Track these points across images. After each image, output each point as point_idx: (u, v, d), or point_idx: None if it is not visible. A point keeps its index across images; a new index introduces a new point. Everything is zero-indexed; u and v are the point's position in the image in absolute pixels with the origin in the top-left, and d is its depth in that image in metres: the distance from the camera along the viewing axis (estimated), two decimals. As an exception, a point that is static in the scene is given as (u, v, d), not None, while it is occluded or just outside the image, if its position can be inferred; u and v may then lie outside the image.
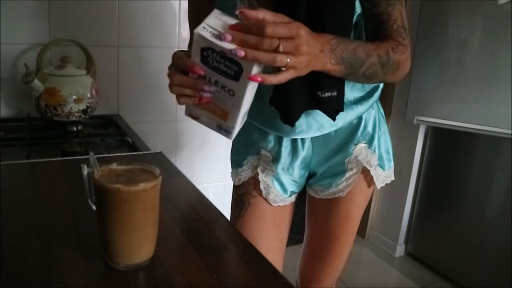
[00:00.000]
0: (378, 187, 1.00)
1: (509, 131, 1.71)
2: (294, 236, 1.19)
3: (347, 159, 0.97)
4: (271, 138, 0.97)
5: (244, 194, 1.04)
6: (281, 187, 1.02)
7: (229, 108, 0.68)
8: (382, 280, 2.23)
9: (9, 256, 0.58)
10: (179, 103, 0.71)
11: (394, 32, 0.79)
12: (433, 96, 2.01)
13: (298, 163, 0.98)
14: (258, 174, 1.01)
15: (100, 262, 0.58)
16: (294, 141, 0.96)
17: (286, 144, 0.96)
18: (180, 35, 1.68)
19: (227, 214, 0.77)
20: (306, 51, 0.65)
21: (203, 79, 0.66)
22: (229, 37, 0.61)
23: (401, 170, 2.27)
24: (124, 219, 0.55)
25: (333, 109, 0.83)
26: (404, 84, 2.12)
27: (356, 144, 0.95)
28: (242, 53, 0.60)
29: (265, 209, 1.03)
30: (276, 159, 0.99)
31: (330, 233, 1.04)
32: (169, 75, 0.69)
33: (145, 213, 0.56)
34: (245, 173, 1.03)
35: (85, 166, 0.60)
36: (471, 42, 1.86)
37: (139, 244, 0.57)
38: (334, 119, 0.85)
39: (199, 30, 0.62)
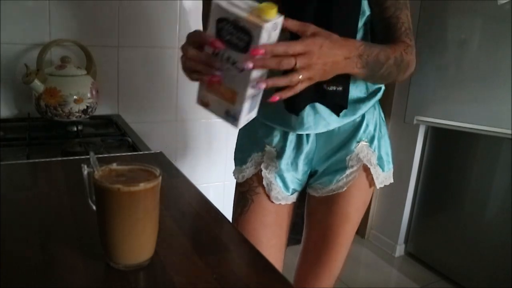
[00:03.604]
0: (378, 187, 1.02)
1: (509, 131, 1.71)
2: (295, 236, 1.20)
3: (348, 156, 0.98)
4: (277, 133, 0.99)
5: (248, 191, 1.05)
6: (283, 184, 1.03)
7: (237, 87, 0.68)
8: (382, 280, 2.23)
9: (9, 256, 0.58)
10: (191, 79, 0.72)
11: (403, 33, 0.86)
12: (433, 96, 2.01)
13: (302, 158, 1.00)
14: (261, 171, 1.02)
15: (100, 262, 0.58)
16: (299, 136, 0.98)
17: (291, 139, 0.98)
18: (180, 35, 1.68)
19: (227, 214, 0.77)
20: (321, 64, 0.69)
21: (215, 56, 0.67)
22: (250, 64, 0.63)
23: (401, 170, 2.27)
24: (124, 219, 0.55)
25: (337, 104, 0.88)
26: (404, 84, 2.12)
27: (358, 142, 0.97)
28: (264, 85, 0.66)
29: (268, 207, 1.04)
30: (280, 154, 1.00)
31: (328, 232, 1.04)
32: (183, 49, 0.70)
33: (145, 213, 0.56)
34: (249, 170, 1.04)
35: (85, 166, 0.60)
36: (471, 43, 1.86)
37: (139, 244, 0.57)
38: (338, 114, 0.91)
39: (217, 0, 0.64)
